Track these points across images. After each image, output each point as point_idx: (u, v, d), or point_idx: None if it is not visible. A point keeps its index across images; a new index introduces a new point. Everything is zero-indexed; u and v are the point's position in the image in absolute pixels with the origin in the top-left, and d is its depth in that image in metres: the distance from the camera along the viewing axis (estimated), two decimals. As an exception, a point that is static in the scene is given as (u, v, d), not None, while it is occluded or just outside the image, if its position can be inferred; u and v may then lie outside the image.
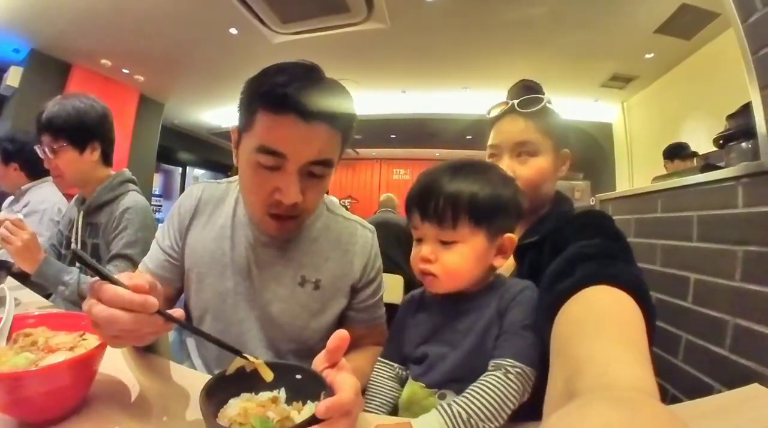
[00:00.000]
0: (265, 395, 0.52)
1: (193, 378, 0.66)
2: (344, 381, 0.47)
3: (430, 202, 0.63)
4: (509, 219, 0.65)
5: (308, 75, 0.67)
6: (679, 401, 0.74)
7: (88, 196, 1.35)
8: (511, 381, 0.53)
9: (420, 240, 0.67)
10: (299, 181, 0.68)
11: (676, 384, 1.23)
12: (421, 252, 0.65)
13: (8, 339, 0.60)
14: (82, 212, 1.34)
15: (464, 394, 0.53)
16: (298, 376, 0.53)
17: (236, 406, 0.49)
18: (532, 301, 0.61)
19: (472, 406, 0.51)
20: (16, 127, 3.88)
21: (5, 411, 0.49)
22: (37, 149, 1.30)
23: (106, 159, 1.38)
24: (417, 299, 0.74)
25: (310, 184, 0.70)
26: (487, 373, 0.55)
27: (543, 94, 0.82)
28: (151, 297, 0.47)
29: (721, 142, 1.45)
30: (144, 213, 1.31)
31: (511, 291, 0.64)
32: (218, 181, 0.92)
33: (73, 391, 0.52)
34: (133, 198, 1.33)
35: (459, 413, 0.50)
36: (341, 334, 0.49)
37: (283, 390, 0.53)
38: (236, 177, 0.88)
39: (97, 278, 0.47)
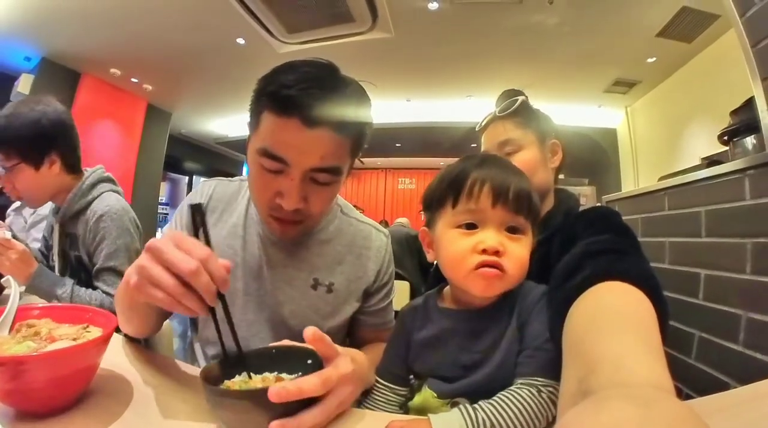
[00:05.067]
0: (270, 375, 0.52)
1: (196, 374, 0.65)
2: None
3: (509, 185, 0.58)
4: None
5: (318, 76, 0.64)
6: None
7: (60, 205, 1.23)
8: (543, 400, 0.49)
9: (472, 228, 0.58)
10: (303, 187, 0.65)
11: (689, 382, 1.22)
12: (487, 242, 0.56)
13: (11, 329, 0.59)
14: (58, 224, 1.23)
15: (491, 402, 0.49)
16: (309, 361, 0.52)
17: (238, 382, 0.50)
18: None
19: (499, 417, 0.47)
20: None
21: (5, 399, 0.48)
22: None
23: (71, 168, 1.22)
24: (420, 311, 0.67)
25: (314, 190, 0.68)
26: (518, 386, 0.51)
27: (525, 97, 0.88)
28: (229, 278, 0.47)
29: (725, 137, 1.45)
30: (119, 217, 1.19)
31: (530, 300, 0.58)
32: (230, 178, 0.91)
33: (74, 380, 0.51)
34: (105, 202, 1.20)
35: (483, 421, 0.47)
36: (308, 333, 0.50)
37: (285, 374, 0.53)
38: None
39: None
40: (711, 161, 1.54)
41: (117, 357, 0.62)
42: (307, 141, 0.62)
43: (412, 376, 0.65)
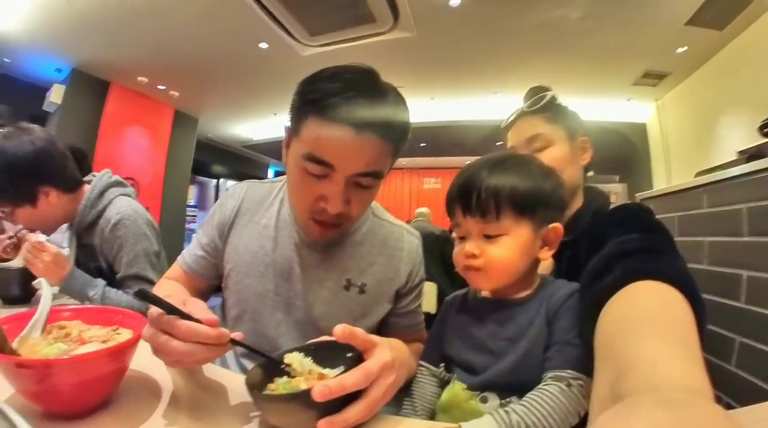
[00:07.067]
0: (314, 372, 0.52)
1: (227, 378, 0.65)
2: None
3: (471, 195, 0.61)
4: (552, 210, 0.64)
5: (362, 83, 0.66)
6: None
7: (73, 220, 1.24)
8: (574, 394, 0.49)
9: (463, 238, 0.65)
10: (345, 191, 0.67)
11: (730, 391, 1.16)
12: (465, 249, 0.63)
13: (43, 330, 0.60)
14: (74, 236, 1.24)
15: (523, 403, 0.50)
16: (349, 354, 0.52)
17: (282, 384, 0.51)
18: None
19: (533, 417, 0.47)
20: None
21: (34, 400, 0.48)
22: None
23: (70, 189, 1.20)
24: (459, 300, 0.73)
25: (356, 193, 0.69)
26: (547, 383, 0.51)
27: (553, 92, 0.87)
28: (224, 330, 0.50)
29: (766, 130, 1.37)
30: (133, 222, 1.19)
31: (559, 295, 0.61)
32: (262, 181, 0.93)
33: (103, 383, 0.51)
34: (116, 208, 1.20)
35: (518, 423, 0.47)
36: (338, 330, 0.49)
37: (327, 369, 0.52)
38: (281, 177, 0.89)
39: (158, 309, 0.49)
40: (751, 155, 1.46)
41: (146, 359, 0.62)
42: (355, 147, 0.64)
43: (442, 365, 0.68)
